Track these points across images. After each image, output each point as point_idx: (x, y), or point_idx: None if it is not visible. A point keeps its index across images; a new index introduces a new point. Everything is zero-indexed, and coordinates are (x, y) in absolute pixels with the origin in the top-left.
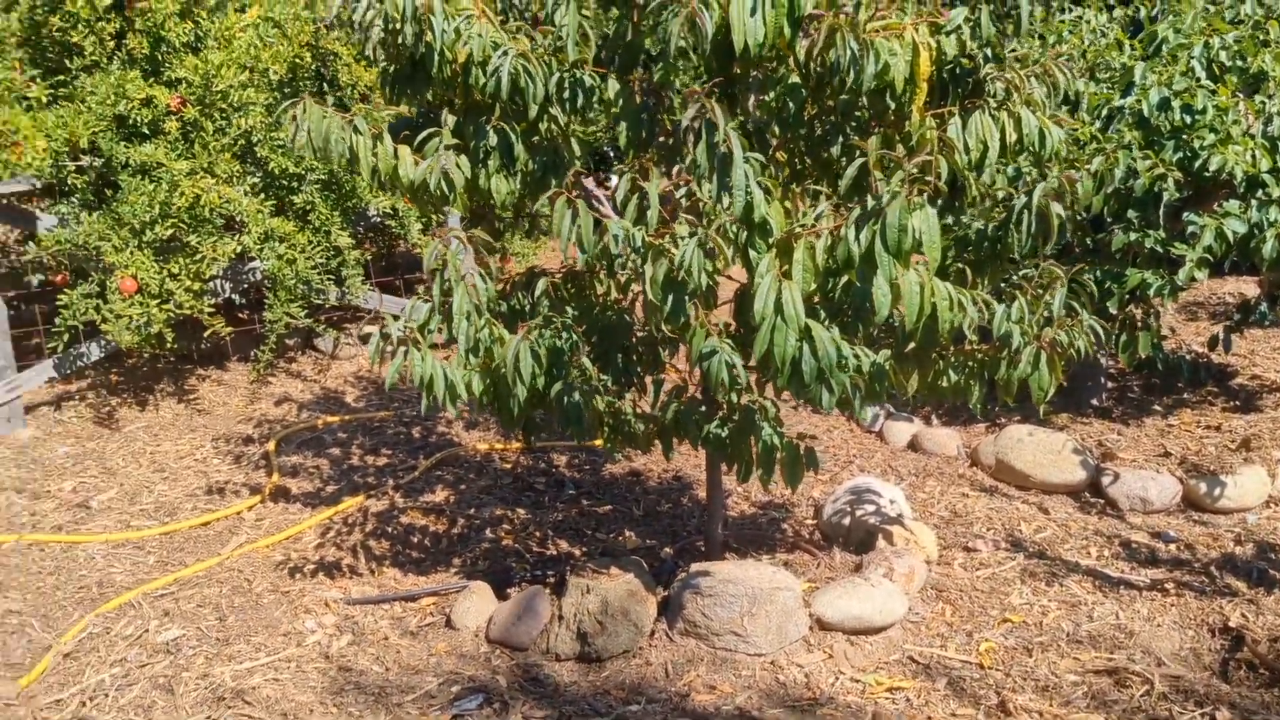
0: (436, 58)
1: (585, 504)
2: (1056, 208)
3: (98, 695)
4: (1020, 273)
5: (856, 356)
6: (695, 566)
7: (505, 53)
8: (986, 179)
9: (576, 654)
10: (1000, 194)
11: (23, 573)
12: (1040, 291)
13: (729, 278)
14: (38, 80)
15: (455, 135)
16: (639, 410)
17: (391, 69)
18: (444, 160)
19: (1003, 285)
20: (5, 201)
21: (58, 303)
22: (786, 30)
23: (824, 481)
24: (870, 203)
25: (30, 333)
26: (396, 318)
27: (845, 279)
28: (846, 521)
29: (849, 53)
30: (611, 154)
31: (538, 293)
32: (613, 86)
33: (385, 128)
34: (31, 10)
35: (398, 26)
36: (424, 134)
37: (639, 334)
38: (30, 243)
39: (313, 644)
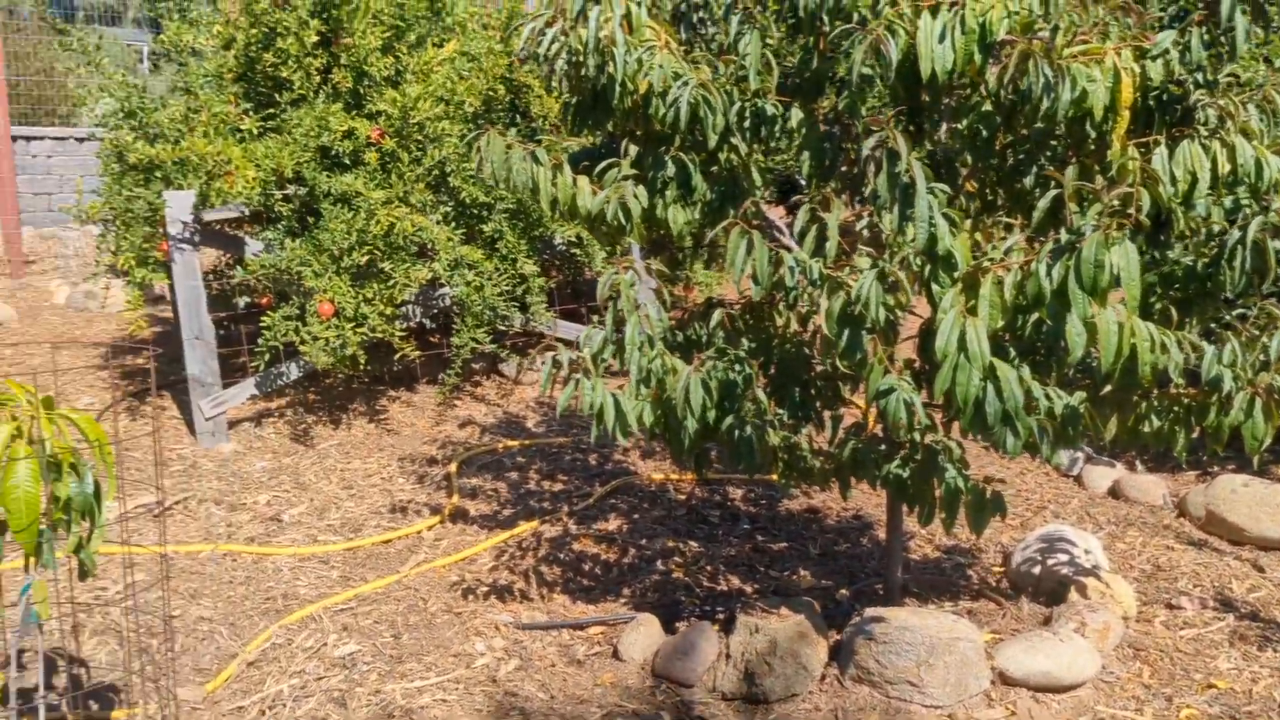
0: (617, 88)
1: (760, 539)
2: (1276, 244)
3: (276, 705)
4: (1234, 313)
5: (1048, 398)
6: (870, 611)
7: (685, 83)
8: (1201, 211)
9: (743, 694)
10: (1216, 228)
11: (216, 581)
12: (1256, 333)
13: (913, 313)
14: (250, 113)
15: (635, 166)
16: (816, 446)
17: (574, 100)
18: (622, 190)
19: (1213, 326)
20: (218, 227)
21: (261, 324)
22: (977, 57)
23: (1014, 527)
24: (1065, 236)
25: (236, 352)
26: (570, 344)
27: (1036, 316)
28: (1036, 571)
29: (1042, 80)
30: (804, 183)
31: (713, 324)
32: (796, 115)
33: (565, 158)
34: (247, 47)
35: (581, 59)
36: (603, 164)
37: (818, 368)
38: (238, 266)
39: (481, 666)
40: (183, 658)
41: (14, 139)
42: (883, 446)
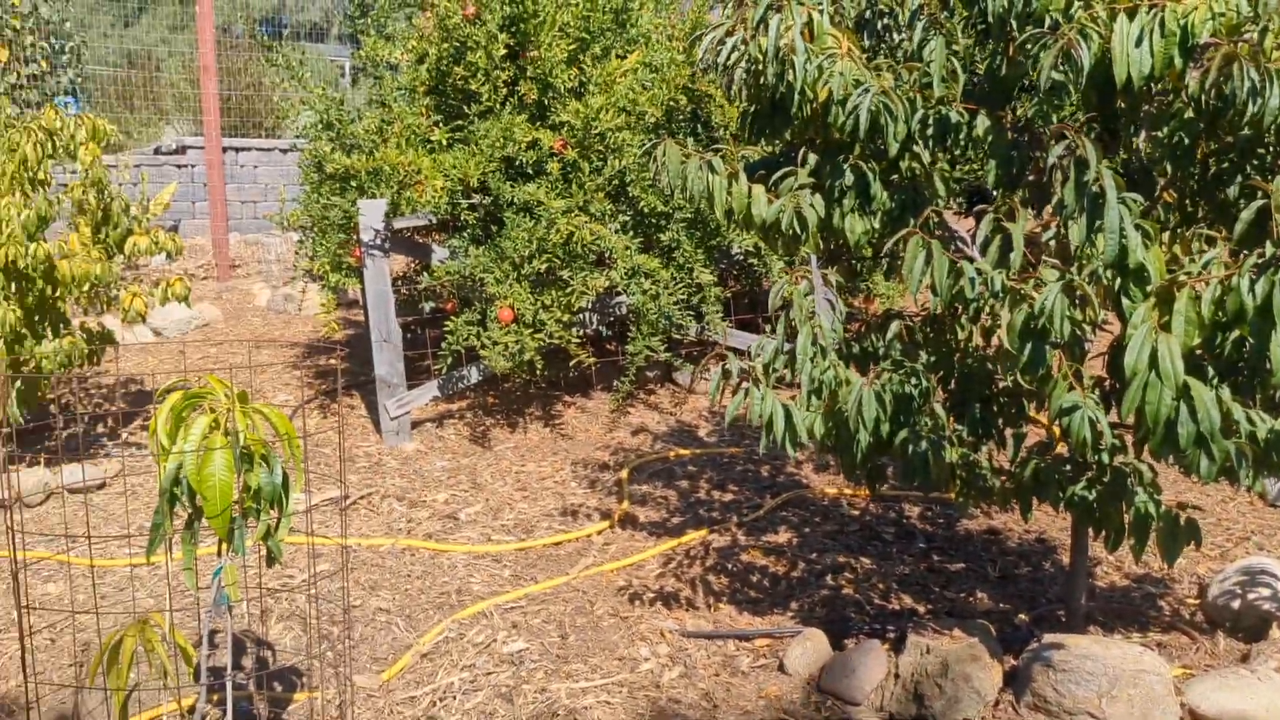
0: (796, 97)
1: (935, 559)
2: None
3: (446, 697)
4: None
5: (1250, 421)
6: (1048, 637)
7: (866, 90)
8: None
9: (910, 715)
10: None
11: (395, 574)
12: None
13: (1104, 328)
14: (440, 125)
15: (812, 174)
16: (996, 465)
17: (752, 109)
18: (797, 199)
19: None
20: (407, 234)
21: (445, 328)
22: (1177, 61)
23: (1211, 558)
24: (1270, 249)
25: (421, 355)
26: (743, 354)
27: (1237, 334)
28: (1235, 605)
29: (1248, 84)
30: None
31: (890, 336)
32: (982, 123)
33: (741, 167)
34: (439, 61)
35: (760, 67)
36: (779, 173)
37: (1001, 384)
38: (425, 273)
39: (645, 671)
40: (361, 646)
41: (224, 150)
42: (1068, 467)
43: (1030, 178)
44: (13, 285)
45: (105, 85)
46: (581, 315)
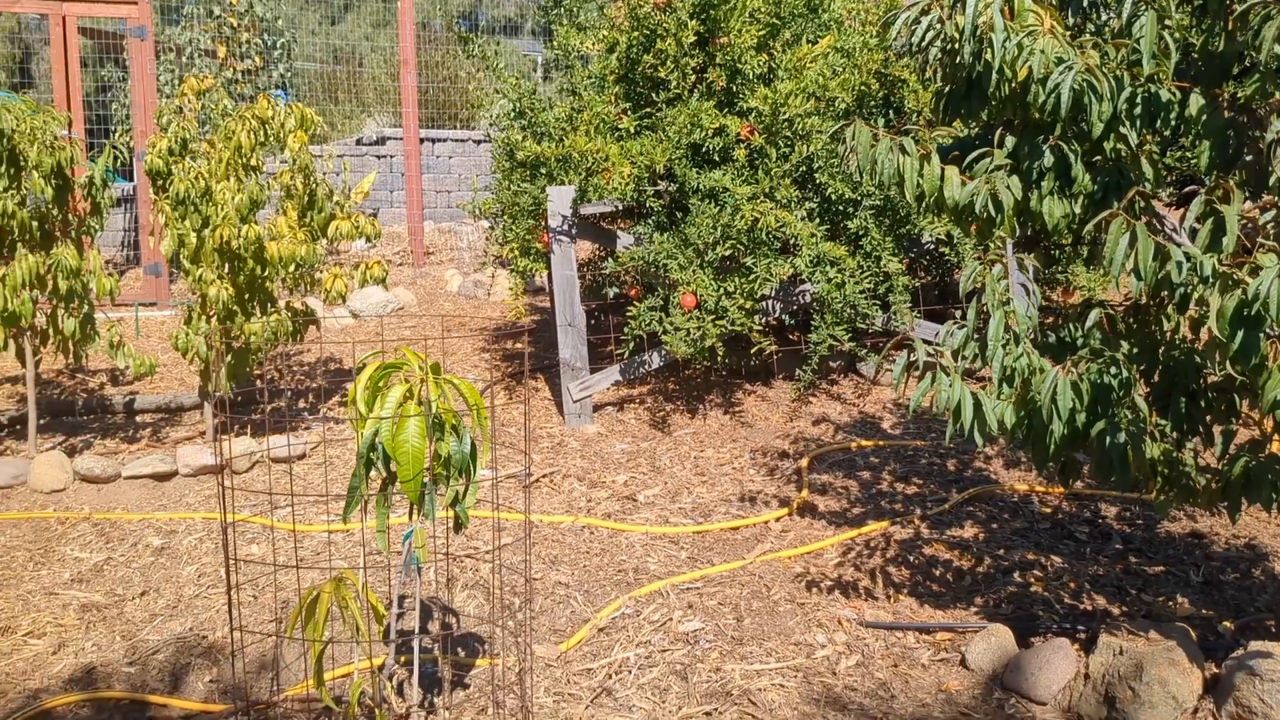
0: (994, 76)
1: (1132, 561)
2: None
3: (622, 671)
4: None
5: None
6: (1254, 645)
7: (1069, 68)
8: None
9: (1100, 718)
10: None
11: (575, 550)
12: None
13: None
14: (628, 113)
15: (1009, 156)
16: (1202, 463)
17: (946, 89)
18: (993, 181)
19: None
20: (593, 221)
21: (628, 314)
22: None
23: None
24: None
25: (604, 340)
26: (929, 343)
27: None
28: None
29: None
30: (1204, 178)
31: (1089, 324)
32: (1195, 102)
33: (934, 149)
34: (629, 49)
35: (956, 46)
36: (974, 154)
37: (1210, 378)
38: (610, 259)
39: (821, 658)
40: (540, 617)
41: (421, 140)
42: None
43: (1248, 158)
44: (226, 265)
45: (312, 80)
46: (764, 303)
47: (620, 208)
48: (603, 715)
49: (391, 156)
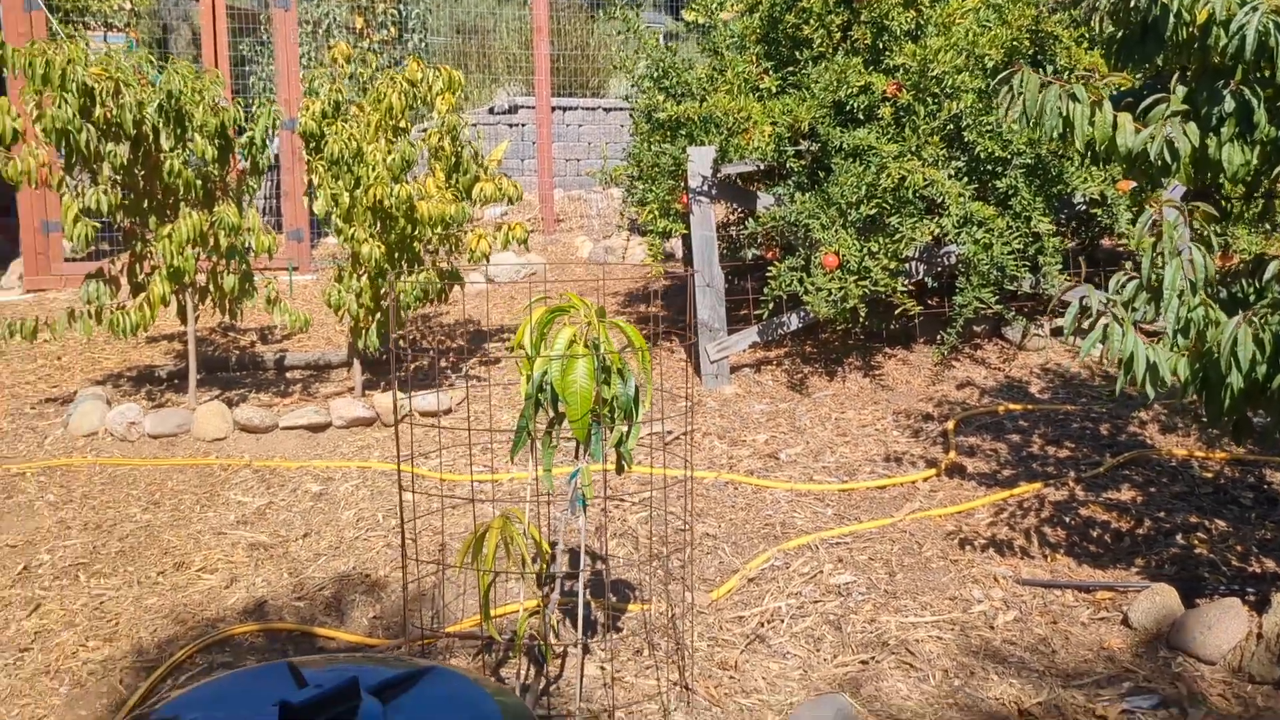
0: (1171, 19)
1: None
2: None
3: (774, 619)
4: None
5: None
6: None
7: (1254, 8)
8: None
9: (1275, 679)
10: None
11: (720, 505)
12: None
13: None
14: (770, 72)
15: (1186, 102)
16: None
17: (1119, 34)
18: (1169, 126)
19: None
20: (733, 181)
21: (767, 274)
22: None
23: None
24: None
25: (741, 302)
26: (1099, 295)
27: None
28: None
29: None
30: None
31: (1268, 276)
32: None
33: (1106, 96)
34: (771, 8)
35: None
36: (1149, 100)
37: None
38: (749, 220)
39: (978, 613)
40: (689, 567)
41: (552, 109)
42: None
43: None
44: (377, 224)
45: (443, 50)
46: (908, 264)
47: (760, 168)
48: (757, 660)
49: (523, 125)
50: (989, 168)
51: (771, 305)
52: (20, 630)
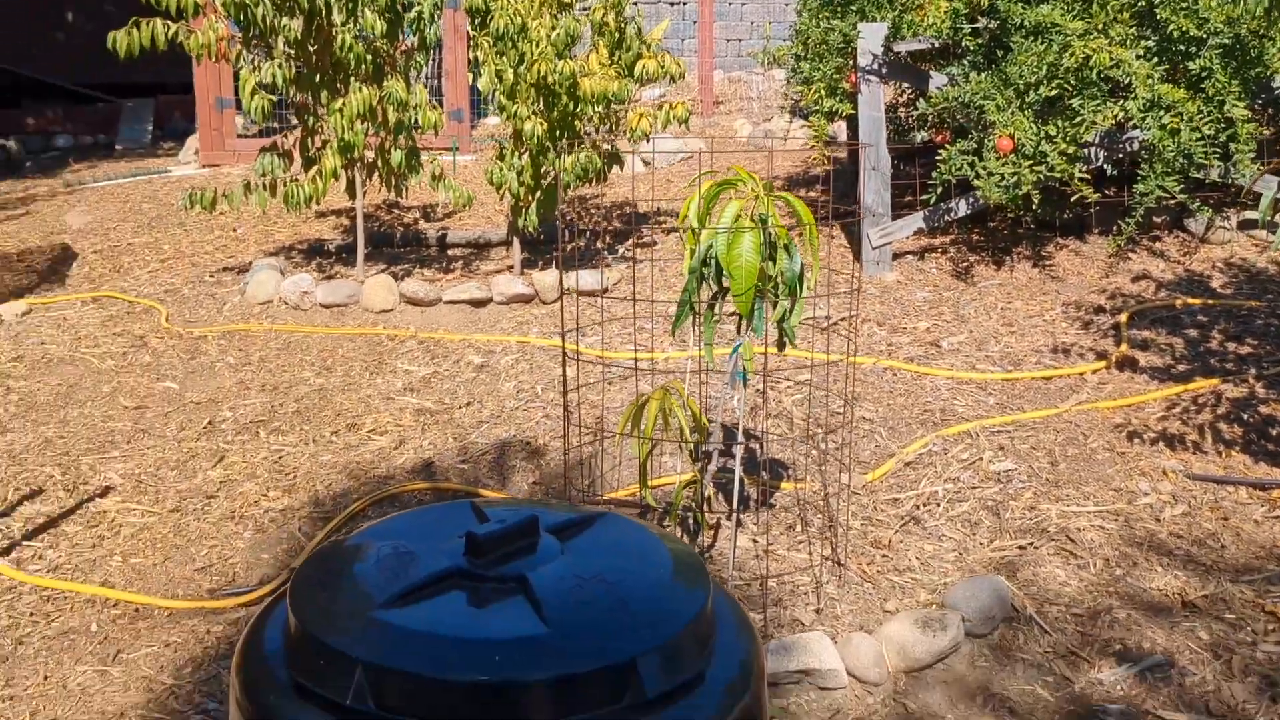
0: None
1: None
2: None
3: (930, 503)
4: None
5: None
6: None
7: None
8: None
9: None
10: None
11: (877, 390)
12: None
13: None
14: None
15: None
16: None
17: None
18: None
19: None
20: (904, 60)
21: (936, 158)
22: None
23: None
24: None
25: (906, 188)
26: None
27: None
28: None
29: None
30: None
31: None
32: None
33: None
34: None
35: None
36: None
37: None
38: (919, 100)
39: (1143, 505)
40: (845, 449)
41: None
42: None
43: None
44: (540, 101)
45: None
46: (1087, 150)
47: (934, 46)
48: (911, 541)
49: (684, 3)
50: (1181, 48)
51: (939, 190)
52: (207, 479)
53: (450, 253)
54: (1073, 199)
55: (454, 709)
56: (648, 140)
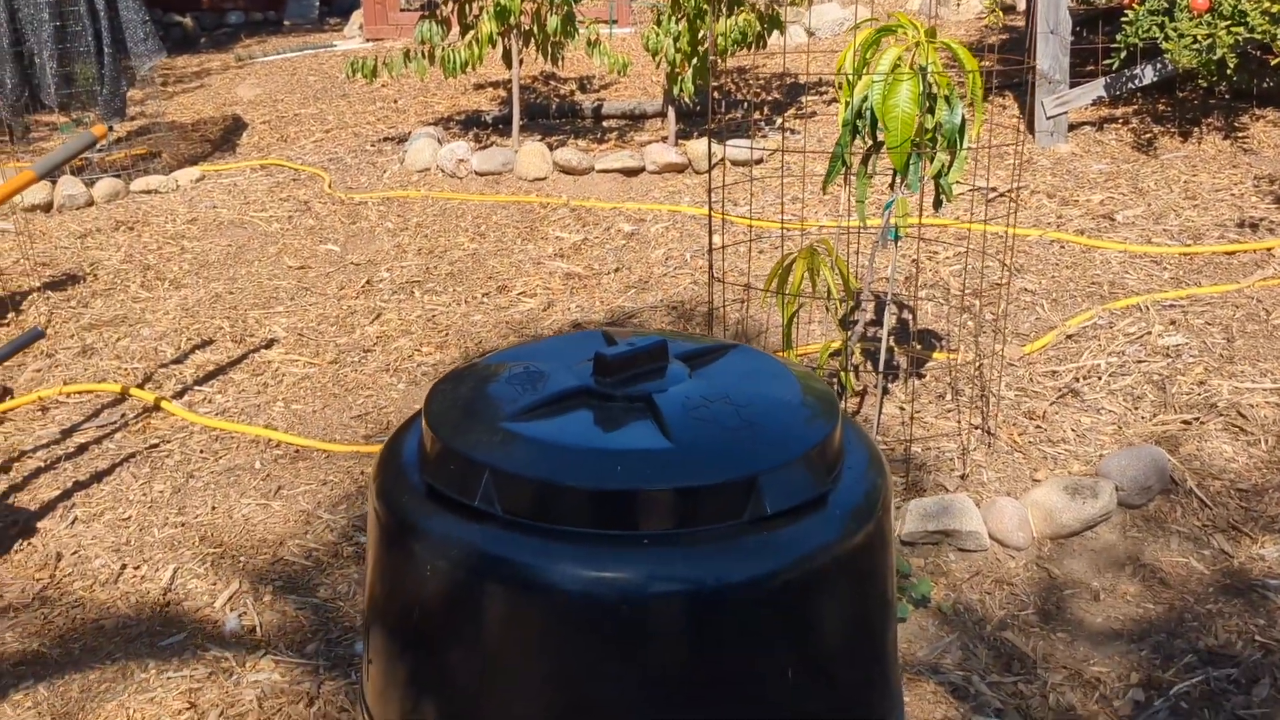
0: None
1: None
2: None
3: (1091, 376)
4: None
5: None
6: None
7: None
8: None
9: None
10: None
11: (1042, 262)
12: None
13: None
14: None
15: None
16: None
17: None
18: None
19: None
20: None
21: (1122, 19)
22: None
23: None
24: None
25: (1086, 55)
26: None
27: None
28: None
29: None
30: None
31: None
32: None
33: None
34: None
35: None
36: None
37: None
38: None
39: None
40: (1003, 320)
41: None
42: None
43: None
44: None
45: None
46: None
47: None
48: (1067, 413)
49: None
50: None
51: (1124, 54)
52: (364, 334)
53: (605, 124)
54: (1274, 63)
55: (575, 515)
56: (809, 4)
